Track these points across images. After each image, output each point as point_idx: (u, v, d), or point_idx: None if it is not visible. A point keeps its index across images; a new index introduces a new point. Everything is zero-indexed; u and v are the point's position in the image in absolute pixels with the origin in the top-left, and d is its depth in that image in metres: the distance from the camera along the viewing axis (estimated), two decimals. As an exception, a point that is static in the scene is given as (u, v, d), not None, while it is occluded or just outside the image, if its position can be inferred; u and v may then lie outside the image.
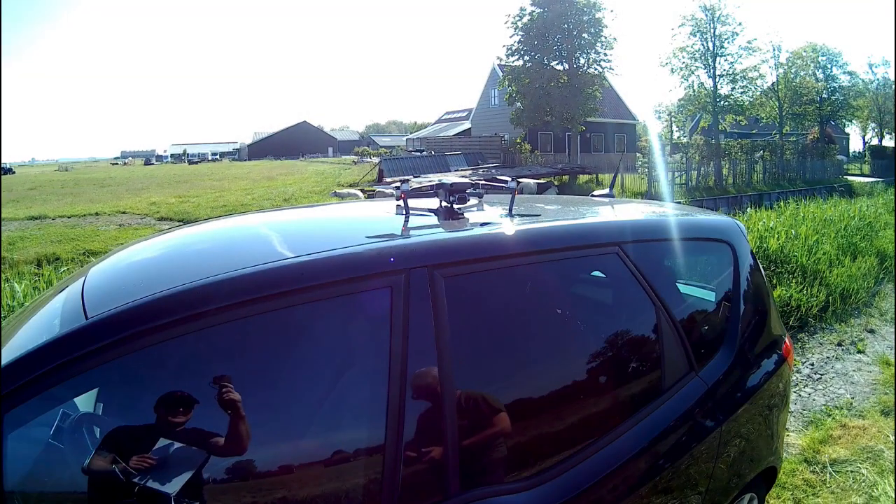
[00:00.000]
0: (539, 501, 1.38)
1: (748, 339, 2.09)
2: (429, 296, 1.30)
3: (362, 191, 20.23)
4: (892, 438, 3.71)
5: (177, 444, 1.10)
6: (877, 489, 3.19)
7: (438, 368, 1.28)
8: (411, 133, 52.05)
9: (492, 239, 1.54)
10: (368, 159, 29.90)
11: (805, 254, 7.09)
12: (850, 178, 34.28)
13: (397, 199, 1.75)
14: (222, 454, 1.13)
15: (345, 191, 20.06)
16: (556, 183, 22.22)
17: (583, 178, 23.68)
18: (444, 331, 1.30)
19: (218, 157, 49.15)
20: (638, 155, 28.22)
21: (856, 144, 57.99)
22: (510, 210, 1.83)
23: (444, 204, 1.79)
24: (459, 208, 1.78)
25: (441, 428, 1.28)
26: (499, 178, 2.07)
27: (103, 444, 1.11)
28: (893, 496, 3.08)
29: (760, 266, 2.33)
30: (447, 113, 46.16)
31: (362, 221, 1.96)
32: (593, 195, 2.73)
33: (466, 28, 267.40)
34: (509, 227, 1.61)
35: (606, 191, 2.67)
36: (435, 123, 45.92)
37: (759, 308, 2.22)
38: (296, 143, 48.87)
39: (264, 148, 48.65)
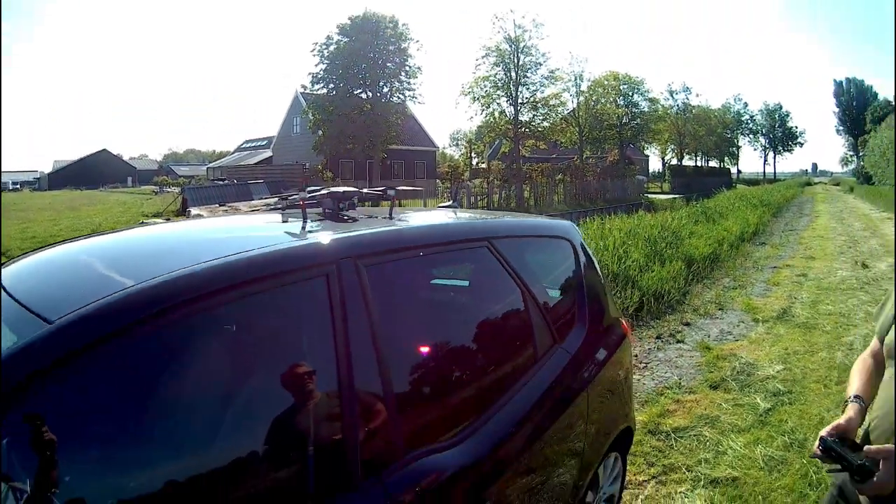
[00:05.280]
0: (463, 455, 1.59)
1: (594, 317, 2.51)
2: (357, 283, 1.49)
3: (167, 220, 19.57)
4: (725, 406, 4.09)
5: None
6: (722, 445, 3.52)
7: (374, 349, 1.45)
8: (211, 162, 51.31)
9: (397, 234, 1.83)
10: (169, 189, 28.71)
11: (615, 262, 7.55)
12: (650, 195, 37.79)
13: (281, 207, 2.33)
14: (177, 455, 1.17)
15: (151, 220, 19.38)
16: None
17: (385, 203, 24.11)
18: (374, 314, 1.48)
19: (19, 186, 46.38)
20: (437, 182, 29.28)
21: (655, 165, 64.53)
22: (390, 215, 2.04)
23: (328, 210, 1.98)
24: (345, 214, 1.94)
25: (386, 400, 1.46)
26: (378, 188, 2.51)
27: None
28: (739, 448, 3.43)
29: (595, 259, 2.82)
30: (247, 141, 45.37)
31: (266, 228, 2.10)
32: (440, 207, 3.16)
33: (264, 58, 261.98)
34: (408, 224, 1.99)
35: (451, 202, 2.98)
36: (235, 152, 45.08)
37: (599, 293, 2.68)
38: (96, 172, 47.18)
39: (65, 177, 46.57)
